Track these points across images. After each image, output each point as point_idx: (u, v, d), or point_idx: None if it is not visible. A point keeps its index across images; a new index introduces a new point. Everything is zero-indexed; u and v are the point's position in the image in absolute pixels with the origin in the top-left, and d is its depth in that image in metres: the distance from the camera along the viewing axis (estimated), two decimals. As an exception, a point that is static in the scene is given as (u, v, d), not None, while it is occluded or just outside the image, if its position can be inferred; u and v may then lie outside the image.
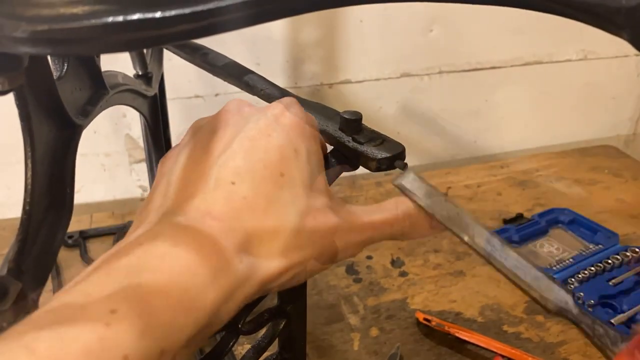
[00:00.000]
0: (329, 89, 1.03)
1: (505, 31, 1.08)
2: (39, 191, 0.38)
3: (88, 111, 0.44)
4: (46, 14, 0.24)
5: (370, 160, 0.39)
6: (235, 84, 0.53)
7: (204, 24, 0.25)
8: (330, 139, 0.42)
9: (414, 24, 1.02)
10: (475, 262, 0.84)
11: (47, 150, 0.39)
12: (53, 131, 0.39)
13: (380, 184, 1.04)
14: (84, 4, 0.24)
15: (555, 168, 1.10)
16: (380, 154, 0.39)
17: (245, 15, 0.26)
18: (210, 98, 0.99)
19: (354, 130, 0.41)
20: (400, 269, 0.84)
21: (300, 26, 0.97)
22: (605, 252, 0.82)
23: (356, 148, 0.40)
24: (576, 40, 1.13)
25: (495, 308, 0.76)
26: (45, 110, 0.38)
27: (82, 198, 1.01)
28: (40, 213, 0.38)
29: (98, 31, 0.24)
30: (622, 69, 1.20)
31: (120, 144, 1.00)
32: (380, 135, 0.42)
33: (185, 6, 0.24)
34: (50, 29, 0.24)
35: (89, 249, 0.88)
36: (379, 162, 0.39)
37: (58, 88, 0.38)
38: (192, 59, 0.57)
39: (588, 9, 0.26)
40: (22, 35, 0.24)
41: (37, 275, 0.37)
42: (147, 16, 0.24)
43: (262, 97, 0.50)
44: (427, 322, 0.72)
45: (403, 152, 0.40)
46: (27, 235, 0.36)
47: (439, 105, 1.12)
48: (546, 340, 0.71)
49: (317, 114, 0.44)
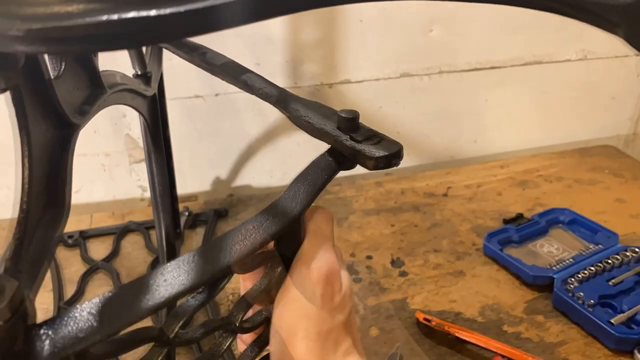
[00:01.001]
0: (328, 89, 1.03)
1: (505, 31, 1.08)
2: (36, 190, 0.37)
3: (85, 111, 0.43)
4: (41, 12, 0.24)
5: (368, 158, 0.39)
6: (233, 83, 0.53)
7: (200, 22, 0.25)
8: (328, 137, 0.42)
9: (414, 23, 1.02)
10: (475, 262, 0.85)
11: (43, 150, 0.39)
12: (50, 130, 0.39)
13: (380, 184, 1.04)
14: (79, 2, 0.24)
15: (555, 168, 1.10)
16: (378, 153, 0.39)
17: (242, 13, 0.26)
18: (210, 98, 0.99)
19: (351, 128, 0.41)
20: (400, 268, 0.84)
21: (300, 26, 0.97)
22: (605, 252, 0.82)
23: (354, 146, 0.40)
24: (576, 40, 1.13)
25: (495, 308, 0.76)
26: (41, 110, 0.38)
27: (82, 198, 1.01)
28: (37, 212, 0.38)
29: (93, 29, 0.24)
30: (622, 68, 1.20)
31: (120, 144, 1.00)
32: (378, 133, 0.42)
33: (181, 4, 0.24)
34: (44, 28, 0.23)
35: (89, 248, 0.89)
36: (376, 160, 0.39)
37: (55, 87, 0.38)
38: (191, 58, 0.57)
39: (584, 6, 0.26)
40: (17, 34, 0.24)
41: (33, 274, 0.37)
42: (142, 14, 0.23)
43: (260, 96, 0.50)
44: (427, 322, 0.72)
45: (400, 150, 0.40)
46: (24, 234, 0.36)
47: (439, 105, 1.12)
48: (546, 340, 0.71)
49: (314, 112, 0.44)
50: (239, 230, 0.37)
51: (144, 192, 1.05)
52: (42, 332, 0.29)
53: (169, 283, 0.32)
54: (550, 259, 0.83)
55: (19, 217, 0.36)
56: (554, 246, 0.86)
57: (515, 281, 0.81)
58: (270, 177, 1.09)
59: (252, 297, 0.41)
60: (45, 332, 0.29)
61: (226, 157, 1.06)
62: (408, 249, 0.88)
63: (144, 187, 1.05)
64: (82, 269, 0.84)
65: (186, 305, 0.37)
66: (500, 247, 0.84)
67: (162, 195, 0.73)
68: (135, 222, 0.93)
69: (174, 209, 0.81)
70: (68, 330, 0.29)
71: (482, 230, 0.90)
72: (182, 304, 0.37)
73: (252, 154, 1.07)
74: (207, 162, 1.06)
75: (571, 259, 0.81)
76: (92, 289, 0.81)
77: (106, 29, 0.24)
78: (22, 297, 0.28)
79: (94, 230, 0.92)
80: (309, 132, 0.44)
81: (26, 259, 0.36)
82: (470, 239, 0.90)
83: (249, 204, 1.01)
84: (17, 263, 0.35)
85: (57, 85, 0.39)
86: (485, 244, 0.86)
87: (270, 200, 0.40)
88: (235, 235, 0.36)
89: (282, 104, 0.47)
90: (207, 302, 0.38)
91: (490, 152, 1.19)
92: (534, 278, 0.78)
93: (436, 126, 1.13)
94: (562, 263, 0.81)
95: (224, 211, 0.97)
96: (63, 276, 0.83)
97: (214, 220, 0.95)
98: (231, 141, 1.05)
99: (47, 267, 0.38)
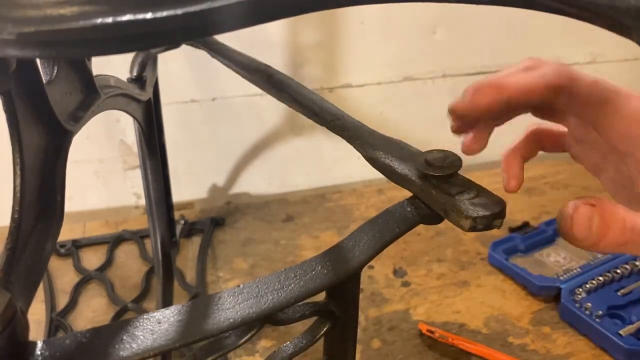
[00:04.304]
0: (329, 93, 1.02)
1: (511, 33, 1.07)
2: (28, 199, 0.36)
3: (79, 116, 0.43)
4: (33, 15, 0.23)
5: (464, 217, 0.33)
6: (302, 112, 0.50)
7: (198, 25, 0.25)
8: (412, 185, 0.37)
9: (417, 26, 1.02)
10: (480, 272, 0.83)
11: (36, 157, 0.38)
12: (42, 137, 0.38)
13: (382, 192, 1.03)
14: (72, 4, 0.23)
15: (563, 175, 1.09)
16: (477, 212, 0.33)
17: (240, 17, 0.25)
18: (206, 102, 0.97)
19: (443, 178, 0.36)
20: (403, 278, 0.83)
21: (300, 29, 0.96)
22: (614, 262, 0.80)
23: (446, 200, 0.35)
24: (585, 43, 1.12)
25: (501, 319, 0.75)
26: (34, 116, 0.37)
27: (74, 206, 1.00)
28: (29, 221, 0.37)
29: (87, 33, 0.23)
30: (632, 72, 1.19)
31: (114, 150, 0.99)
32: (474, 184, 0.36)
33: (178, 7, 0.24)
34: (37, 31, 0.23)
35: (81, 258, 0.88)
36: (474, 221, 0.33)
37: (47, 92, 0.37)
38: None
39: (595, 9, 0.26)
40: (8, 38, 0.23)
41: (26, 286, 0.36)
42: (138, 17, 0.23)
43: (332, 129, 0.47)
44: (430, 333, 0.71)
45: (504, 209, 0.34)
46: (17, 245, 0.35)
47: (442, 110, 1.10)
48: (553, 352, 0.70)
49: (393, 152, 0.40)
50: (278, 276, 0.34)
51: (138, 200, 1.04)
52: (38, 352, 0.29)
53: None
54: (557, 268, 0.82)
55: (10, 227, 0.35)
56: (561, 255, 0.85)
57: (521, 291, 0.80)
58: (269, 184, 1.08)
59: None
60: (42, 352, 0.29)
61: (223, 163, 1.05)
62: (411, 258, 0.87)
63: (139, 194, 1.03)
64: (75, 279, 0.83)
65: None
66: (505, 257, 0.83)
67: (157, 203, 0.72)
68: (130, 231, 0.92)
69: (169, 217, 0.80)
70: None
71: (486, 239, 0.89)
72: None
73: (250, 161, 1.05)
74: (203, 168, 1.05)
75: (579, 268, 0.80)
76: (86, 299, 0.80)
77: (101, 33, 0.23)
78: (14, 310, 0.28)
79: (87, 239, 0.91)
80: (388, 175, 0.40)
81: (18, 270, 0.35)
82: (475, 248, 0.89)
83: (246, 212, 1.00)
84: (9, 274, 0.34)
85: (50, 90, 0.38)
86: (490, 253, 0.85)
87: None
88: (272, 282, 0.34)
89: (357, 140, 0.43)
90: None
91: (495, 159, 1.17)
92: (541, 288, 0.77)
93: (440, 132, 1.12)
94: (569, 273, 0.79)
95: (221, 219, 0.96)
96: (55, 286, 0.82)
97: (211, 228, 0.94)
98: (228, 147, 1.04)
99: (41, 279, 0.37)
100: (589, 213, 0.33)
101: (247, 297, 0.32)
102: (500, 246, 0.85)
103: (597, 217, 0.32)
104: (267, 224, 0.96)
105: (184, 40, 0.24)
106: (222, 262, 0.87)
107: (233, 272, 0.85)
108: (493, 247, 0.85)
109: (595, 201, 0.33)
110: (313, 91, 0.50)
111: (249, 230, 0.94)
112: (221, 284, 0.82)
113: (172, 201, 0.82)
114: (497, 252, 0.84)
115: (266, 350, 0.70)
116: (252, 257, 0.88)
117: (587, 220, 0.33)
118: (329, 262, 0.35)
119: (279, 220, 0.97)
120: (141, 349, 0.29)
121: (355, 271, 0.35)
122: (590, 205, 0.33)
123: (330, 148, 1.05)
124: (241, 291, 0.33)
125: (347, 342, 0.41)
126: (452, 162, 0.37)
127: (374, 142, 0.42)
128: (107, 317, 0.76)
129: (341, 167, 1.08)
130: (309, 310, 0.36)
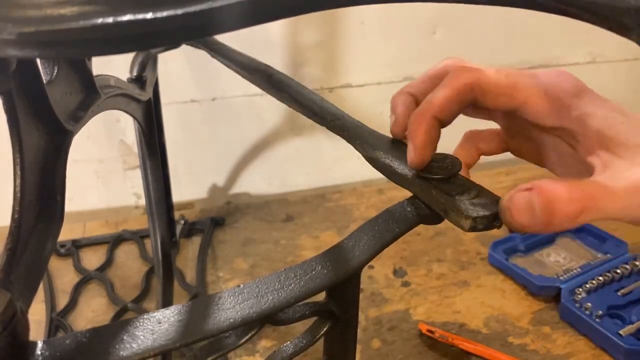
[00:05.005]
0: (329, 93, 1.02)
1: (511, 33, 1.07)
2: (28, 199, 0.36)
3: (79, 116, 0.42)
4: (33, 15, 0.23)
5: (464, 217, 0.34)
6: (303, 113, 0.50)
7: (198, 25, 0.24)
8: (412, 185, 0.37)
9: (417, 26, 1.01)
10: (480, 272, 0.83)
11: (36, 157, 0.37)
12: (43, 137, 0.38)
13: (382, 192, 1.03)
14: (72, 4, 0.23)
15: (561, 175, 1.09)
16: (477, 212, 0.34)
17: (240, 17, 0.25)
18: (206, 103, 0.97)
19: (444, 178, 0.36)
20: (403, 278, 0.82)
21: (300, 29, 0.96)
22: (614, 262, 0.80)
23: (446, 200, 0.35)
24: (584, 43, 1.12)
25: (501, 319, 0.75)
26: (34, 116, 0.37)
27: (74, 206, 0.99)
28: (30, 222, 0.37)
29: (87, 33, 0.23)
30: (631, 72, 1.19)
31: (114, 150, 0.98)
32: (474, 185, 0.36)
33: (178, 7, 0.23)
34: (37, 31, 0.23)
35: (81, 258, 0.87)
36: (474, 221, 0.34)
37: (48, 92, 0.37)
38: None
39: (595, 9, 0.25)
40: (8, 37, 0.23)
41: (26, 286, 0.36)
42: (138, 17, 0.23)
43: (333, 129, 0.47)
44: (430, 333, 0.71)
45: None
46: (17, 245, 0.35)
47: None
48: (553, 352, 0.70)
49: (393, 153, 0.40)
50: (278, 276, 0.34)
51: (138, 200, 1.04)
52: (38, 352, 0.29)
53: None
54: (557, 268, 0.82)
55: (11, 227, 0.35)
56: (561, 255, 0.85)
57: (521, 291, 0.79)
58: (269, 184, 1.08)
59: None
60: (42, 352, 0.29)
61: (223, 163, 1.05)
62: (411, 258, 0.87)
63: (139, 194, 1.03)
64: (75, 279, 0.82)
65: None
66: (505, 257, 0.83)
67: (157, 202, 0.72)
68: (130, 231, 0.92)
69: (169, 217, 0.80)
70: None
71: (486, 239, 0.89)
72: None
73: (250, 161, 1.05)
74: (203, 168, 1.04)
75: (579, 268, 0.80)
76: (85, 299, 0.80)
77: (101, 33, 0.23)
78: (15, 310, 0.28)
79: (87, 239, 0.91)
80: (388, 175, 0.40)
81: (19, 270, 0.35)
82: (475, 248, 0.89)
83: (246, 212, 0.99)
84: (9, 274, 0.34)
85: (50, 90, 0.38)
86: (490, 253, 0.84)
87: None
88: (272, 282, 0.33)
89: (357, 140, 0.43)
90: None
91: (495, 159, 1.18)
92: (541, 288, 0.77)
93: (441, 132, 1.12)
94: (569, 273, 0.79)
95: (221, 219, 0.96)
96: (55, 287, 0.81)
97: (211, 228, 0.94)
98: (228, 147, 1.03)
99: (41, 279, 0.37)
100: (526, 197, 0.32)
101: (247, 297, 0.32)
102: (500, 246, 0.85)
103: (537, 198, 0.31)
104: (267, 224, 0.96)
105: (184, 40, 0.24)
106: (222, 262, 0.87)
107: (233, 272, 0.85)
108: (493, 247, 0.85)
109: (531, 184, 0.32)
110: (313, 91, 0.50)
111: (249, 230, 0.94)
112: (221, 284, 0.82)
113: (172, 201, 0.82)
114: (497, 252, 0.84)
115: (266, 350, 0.70)
116: (252, 257, 0.88)
117: (527, 205, 0.32)
118: (329, 262, 0.35)
119: (279, 220, 0.97)
120: (141, 349, 0.29)
121: (355, 271, 0.35)
122: (526, 191, 0.32)
123: (330, 148, 1.05)
124: (241, 291, 0.33)
125: (347, 342, 0.41)
126: (451, 164, 0.37)
127: (374, 142, 0.42)
128: (107, 317, 0.76)
129: (341, 167, 1.08)
130: (309, 310, 0.36)
